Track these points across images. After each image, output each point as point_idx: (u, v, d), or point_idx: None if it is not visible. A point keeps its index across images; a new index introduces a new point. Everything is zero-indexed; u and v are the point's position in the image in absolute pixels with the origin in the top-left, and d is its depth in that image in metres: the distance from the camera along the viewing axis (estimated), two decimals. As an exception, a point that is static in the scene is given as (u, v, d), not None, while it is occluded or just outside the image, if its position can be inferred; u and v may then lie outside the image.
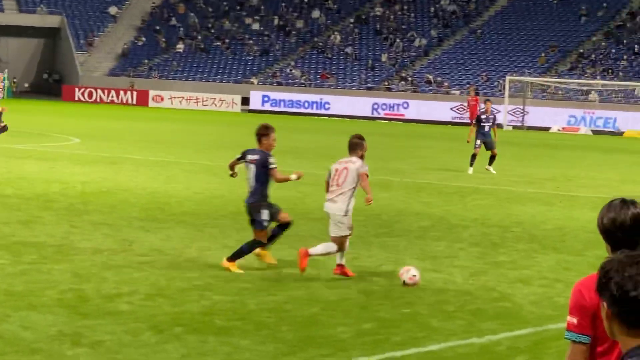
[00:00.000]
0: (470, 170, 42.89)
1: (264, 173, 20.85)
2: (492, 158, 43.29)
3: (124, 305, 16.90)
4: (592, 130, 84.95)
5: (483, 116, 44.53)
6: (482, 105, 58.76)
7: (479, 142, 43.23)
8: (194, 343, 14.79)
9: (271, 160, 20.82)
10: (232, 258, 20.33)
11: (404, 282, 19.41)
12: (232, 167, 21.90)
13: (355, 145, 20.96)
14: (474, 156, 43.32)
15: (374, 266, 21.27)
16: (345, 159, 20.46)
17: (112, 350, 14.21)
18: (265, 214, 20.74)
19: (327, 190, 20.34)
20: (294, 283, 19.21)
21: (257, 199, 20.96)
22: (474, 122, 46.13)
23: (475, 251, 23.99)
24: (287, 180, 21.64)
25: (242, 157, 21.36)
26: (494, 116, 45.49)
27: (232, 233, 24.83)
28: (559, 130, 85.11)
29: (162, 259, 20.98)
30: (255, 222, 20.88)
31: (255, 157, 20.85)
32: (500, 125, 44.47)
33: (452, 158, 50.95)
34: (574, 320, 7.15)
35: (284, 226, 21.32)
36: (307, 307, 17.45)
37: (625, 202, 7.42)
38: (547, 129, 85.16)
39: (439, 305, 18.04)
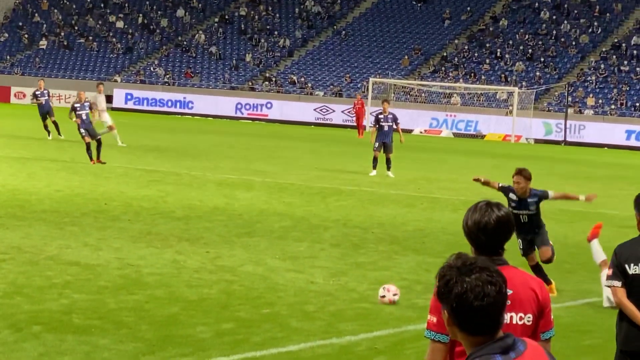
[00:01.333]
0: (373, 172, 42.98)
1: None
2: (388, 161, 43.22)
3: (-18, 303, 16.78)
4: (453, 133, 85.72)
5: (381, 116, 44.06)
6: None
7: (377, 144, 43.08)
8: (53, 342, 14.71)
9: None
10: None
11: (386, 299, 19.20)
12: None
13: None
14: (375, 159, 43.34)
15: (235, 266, 21.28)
16: None
17: (-32, 348, 14.11)
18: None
19: None
20: (154, 282, 19.18)
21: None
22: (373, 123, 45.71)
23: (336, 252, 24.09)
24: None
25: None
26: (393, 115, 44.88)
27: (92, 231, 24.72)
28: (421, 132, 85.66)
29: (21, 257, 20.82)
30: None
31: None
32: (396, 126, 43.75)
33: (314, 159, 51.13)
34: (434, 319, 7.23)
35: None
36: (167, 306, 17.43)
37: (490, 205, 7.55)
38: (409, 131, 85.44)
39: (299, 305, 18.10)
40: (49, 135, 52.45)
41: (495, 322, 5.21)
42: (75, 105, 43.14)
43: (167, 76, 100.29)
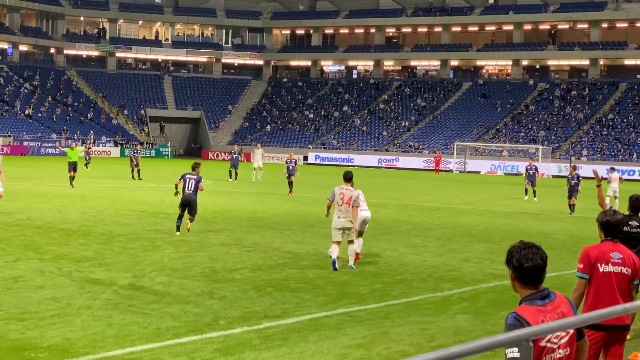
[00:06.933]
0: (526, 197, 44.08)
1: (198, 185, 23.68)
2: (534, 192, 44.13)
3: (238, 275, 16.95)
4: (504, 173, 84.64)
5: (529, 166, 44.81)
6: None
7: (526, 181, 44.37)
8: (278, 296, 14.81)
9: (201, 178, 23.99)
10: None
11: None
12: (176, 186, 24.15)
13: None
14: (526, 190, 44.66)
15: (380, 252, 21.26)
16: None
17: (232, 300, 14.27)
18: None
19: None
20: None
21: (195, 198, 23.81)
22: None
23: (438, 243, 23.93)
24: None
25: (183, 177, 23.83)
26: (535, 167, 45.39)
27: (298, 233, 24.70)
28: (485, 173, 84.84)
29: (258, 249, 21.01)
30: (194, 209, 23.82)
31: (195, 177, 23.76)
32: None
33: (424, 189, 50.86)
34: (580, 266, 8.20)
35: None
36: (342, 275, 17.46)
37: (614, 211, 8.30)
38: (478, 172, 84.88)
39: (418, 274, 18.01)
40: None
41: (537, 278, 5.21)
42: (287, 159, 43.55)
43: (339, 144, 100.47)
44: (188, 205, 23.66)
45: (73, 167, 41.34)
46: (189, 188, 23.64)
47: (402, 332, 12.40)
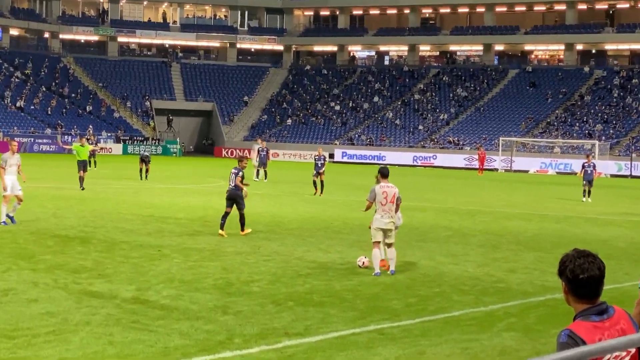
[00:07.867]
0: (584, 199, 44.47)
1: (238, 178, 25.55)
2: (589, 192, 44.81)
3: (255, 287, 16.96)
4: (556, 172, 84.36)
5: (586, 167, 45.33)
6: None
7: (584, 182, 44.67)
8: (300, 312, 14.80)
9: (243, 173, 25.66)
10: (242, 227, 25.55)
11: (359, 265, 19.77)
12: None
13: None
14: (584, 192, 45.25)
15: (415, 261, 21.20)
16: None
17: (247, 316, 14.26)
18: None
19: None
20: (363, 272, 19.19)
21: (237, 192, 25.56)
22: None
23: (481, 251, 23.85)
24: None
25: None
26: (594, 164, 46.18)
27: (323, 240, 24.70)
28: (534, 172, 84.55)
29: (279, 257, 21.00)
30: (240, 204, 25.52)
31: (236, 170, 25.58)
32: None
33: (464, 190, 50.71)
34: None
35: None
36: (372, 287, 17.43)
37: None
38: (526, 171, 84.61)
39: (458, 286, 17.96)
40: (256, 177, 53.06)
41: (594, 291, 5.16)
42: (315, 156, 44.11)
43: (368, 140, 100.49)
44: (233, 200, 25.53)
45: (83, 166, 41.31)
46: (231, 183, 25.73)
47: (440, 351, 12.36)
